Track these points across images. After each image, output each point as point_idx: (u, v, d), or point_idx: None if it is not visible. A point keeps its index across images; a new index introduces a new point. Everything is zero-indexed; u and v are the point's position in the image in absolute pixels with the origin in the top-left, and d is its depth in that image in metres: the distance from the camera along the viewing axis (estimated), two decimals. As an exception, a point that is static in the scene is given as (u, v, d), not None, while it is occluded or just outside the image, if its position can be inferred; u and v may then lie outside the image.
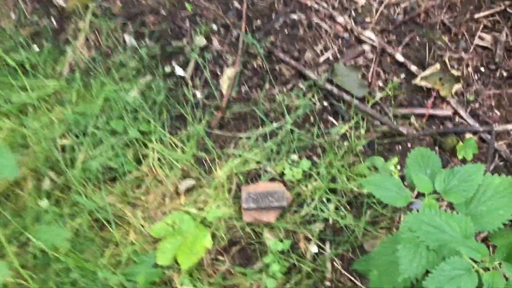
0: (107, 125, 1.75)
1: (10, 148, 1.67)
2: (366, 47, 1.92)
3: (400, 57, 1.89)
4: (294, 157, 1.75)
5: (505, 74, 1.89)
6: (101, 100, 1.78)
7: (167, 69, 1.89)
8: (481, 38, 1.94)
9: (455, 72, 1.80)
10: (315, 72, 1.88)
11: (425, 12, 1.97)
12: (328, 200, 1.69)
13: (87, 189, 1.64)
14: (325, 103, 1.86)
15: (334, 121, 1.83)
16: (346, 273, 1.62)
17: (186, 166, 1.72)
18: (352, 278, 1.61)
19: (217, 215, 1.61)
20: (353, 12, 1.99)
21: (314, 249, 1.63)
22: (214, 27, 1.96)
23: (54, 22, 1.99)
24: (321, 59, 1.92)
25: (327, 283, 1.60)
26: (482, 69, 1.90)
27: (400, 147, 1.78)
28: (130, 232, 1.62)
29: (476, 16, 1.97)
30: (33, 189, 1.65)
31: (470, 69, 1.90)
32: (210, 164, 1.75)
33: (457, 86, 1.81)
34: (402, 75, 1.87)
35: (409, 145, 1.77)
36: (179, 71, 1.89)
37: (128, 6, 2.00)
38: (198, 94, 1.86)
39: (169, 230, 1.59)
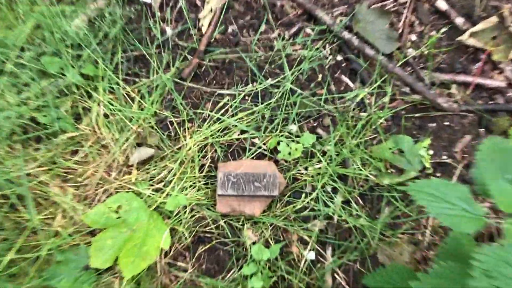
0: (36, 62, 1.24)
1: None
2: (400, -13, 1.43)
3: (442, 4, 1.40)
4: (293, 128, 1.28)
5: None
6: (30, 27, 1.26)
7: (128, -8, 1.37)
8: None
9: (517, 30, 1.34)
10: (330, 14, 1.39)
11: None
12: (335, 190, 1.24)
13: (-3, 151, 1.15)
14: (340, 58, 1.38)
15: (350, 83, 1.36)
16: (350, 290, 1.19)
17: (143, 129, 1.24)
18: (358, 298, 1.20)
19: (180, 201, 1.14)
20: None
21: (310, 255, 1.19)
22: None
23: None
24: (338, -3, 1.42)
25: (325, 303, 1.18)
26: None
27: (434, 124, 1.33)
28: (56, 218, 1.15)
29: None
30: None
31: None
32: (178, 128, 1.27)
33: (518, 49, 1.35)
34: (444, 29, 1.40)
35: (446, 122, 1.32)
36: (144, -4, 1.37)
37: None
38: (168, 31, 1.36)
39: (112, 219, 1.13)
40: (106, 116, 1.25)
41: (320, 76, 1.35)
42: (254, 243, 1.18)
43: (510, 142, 0.87)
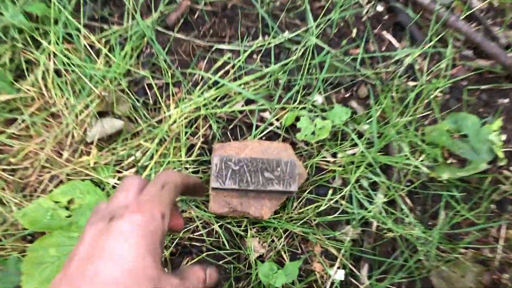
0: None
1: None
2: None
3: None
4: (318, 98, 0.93)
5: None
6: None
7: None
8: None
9: None
10: (369, -52, 1.03)
11: None
12: (374, 185, 0.90)
13: None
14: (381, 7, 1.03)
15: (395, 41, 1.01)
16: (392, 325, 0.86)
17: (109, 93, 0.88)
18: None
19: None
20: None
21: (339, 275, 0.85)
22: None
23: None
24: None
25: None
26: None
27: (507, 100, 0.98)
28: (-21, 213, 0.80)
29: None
30: None
31: None
32: (158, 94, 0.91)
33: None
34: (521, -27, 1.04)
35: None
36: None
37: None
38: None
39: (59, 218, 0.78)
40: (58, 73, 0.89)
41: (354, 30, 1.00)
42: (261, 257, 0.84)
43: None
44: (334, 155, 0.91)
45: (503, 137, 0.94)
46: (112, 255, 0.34)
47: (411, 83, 0.96)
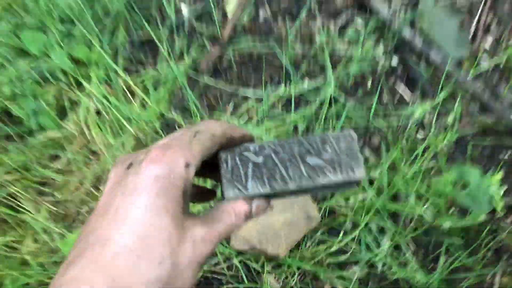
0: (12, 37, 0.97)
1: None
2: (476, -22, 1.15)
3: (527, 4, 1.13)
4: (334, 146, 1.01)
5: None
6: (9, -9, 0.99)
7: (138, -43, 1.09)
8: None
9: None
10: (387, 5, 1.11)
11: None
12: (381, 230, 0.98)
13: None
14: (395, 61, 1.11)
15: (406, 95, 1.09)
16: None
17: (143, 133, 0.97)
18: None
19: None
20: None
21: (345, 312, 0.94)
22: None
23: None
24: (398, -15, 1.14)
25: None
26: None
27: (509, 154, 1.06)
28: (25, 241, 0.89)
29: None
30: None
31: None
32: (188, 135, 1.00)
33: None
34: (527, 35, 1.12)
35: (522, 154, 1.06)
36: (157, -36, 1.09)
37: None
38: (185, 11, 1.08)
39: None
40: (98, 113, 0.98)
41: (369, 82, 1.08)
42: (275, 293, 0.92)
43: None
44: (346, 199, 0.99)
45: (503, 190, 1.02)
46: (125, 218, 0.31)
47: (420, 135, 1.05)
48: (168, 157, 0.32)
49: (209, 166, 0.40)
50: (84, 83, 0.97)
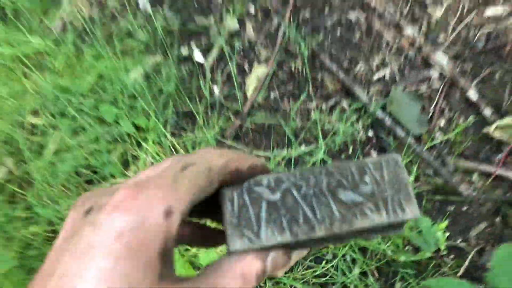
0: (94, 109, 1.36)
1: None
2: (434, 74, 1.53)
3: (473, 95, 1.50)
4: (321, 196, 1.38)
5: None
6: (94, 76, 1.39)
7: (184, 51, 1.49)
8: None
9: (541, 130, 1.42)
10: (366, 92, 1.49)
11: (514, 44, 1.57)
12: (353, 261, 1.33)
13: (52, 190, 1.27)
14: (371, 134, 1.48)
15: (378, 159, 1.46)
16: None
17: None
18: None
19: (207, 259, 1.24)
20: (424, 26, 1.59)
21: (324, 320, 1.28)
22: (252, 9, 1.55)
23: (54, -38, 1.58)
24: (376, 76, 1.53)
25: None
26: None
27: (453, 208, 1.41)
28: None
29: None
30: (-17, 176, 1.28)
31: (554, 125, 1.52)
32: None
33: (539, 147, 1.43)
34: (471, 118, 1.49)
35: (465, 208, 1.41)
36: (198, 56, 1.50)
37: (150, -39, 1.58)
38: (216, 91, 1.47)
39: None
40: (152, 165, 1.36)
41: (350, 149, 1.45)
42: (273, 302, 1.27)
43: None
44: (328, 236, 1.35)
45: (447, 234, 1.37)
46: (77, 284, 0.21)
47: (386, 190, 1.41)
48: (140, 202, 0.24)
49: (212, 204, 0.32)
50: (143, 144, 1.36)
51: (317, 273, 1.31)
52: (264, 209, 0.32)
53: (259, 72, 1.48)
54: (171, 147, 1.39)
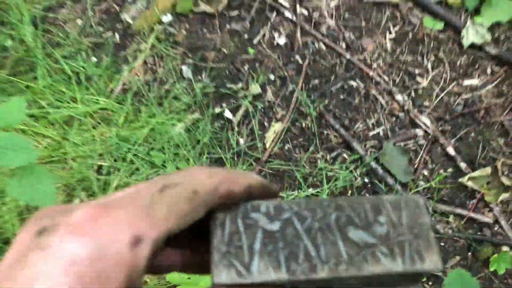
0: (147, 155, 1.74)
1: (48, 159, 1.68)
2: (419, 132, 1.88)
3: (451, 150, 1.84)
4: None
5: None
6: (147, 129, 1.78)
7: (217, 110, 1.88)
8: (538, 148, 1.88)
9: (506, 181, 1.74)
10: (363, 146, 1.85)
11: (486, 109, 1.91)
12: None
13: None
14: (366, 180, 1.82)
15: (371, 201, 1.79)
16: None
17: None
18: None
19: None
20: (413, 93, 1.95)
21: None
22: (272, 77, 1.94)
23: (118, 38, 2.00)
24: (371, 133, 1.88)
25: None
26: (533, 180, 1.84)
27: (432, 244, 1.73)
28: None
29: (538, 124, 1.91)
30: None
31: (520, 177, 1.84)
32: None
33: (505, 195, 1.75)
34: (450, 170, 1.82)
35: (442, 243, 1.72)
36: (228, 114, 1.88)
37: (192, 37, 2.00)
38: (242, 142, 1.85)
39: None
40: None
41: (349, 192, 1.79)
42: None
43: (473, 280, 1.26)
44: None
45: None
46: None
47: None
48: (102, 226, 0.20)
49: (198, 231, 0.28)
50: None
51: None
52: (259, 239, 0.27)
53: (276, 127, 1.85)
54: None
